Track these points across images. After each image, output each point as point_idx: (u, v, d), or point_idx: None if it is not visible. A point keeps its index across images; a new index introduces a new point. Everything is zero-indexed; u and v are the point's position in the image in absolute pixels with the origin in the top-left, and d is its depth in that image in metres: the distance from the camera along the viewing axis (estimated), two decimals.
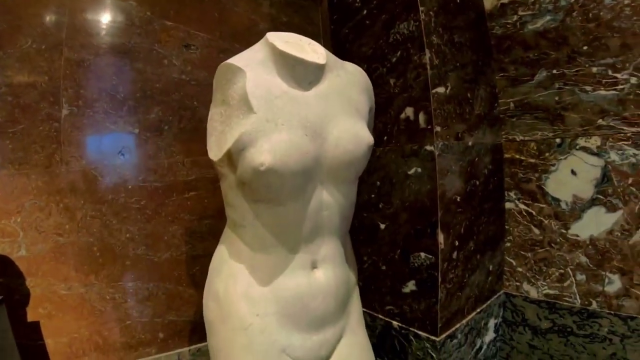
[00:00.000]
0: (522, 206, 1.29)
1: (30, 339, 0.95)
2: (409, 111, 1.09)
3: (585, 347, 1.17)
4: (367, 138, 0.68)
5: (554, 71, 1.17)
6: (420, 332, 1.11)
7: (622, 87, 1.05)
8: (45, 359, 0.97)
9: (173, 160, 1.10)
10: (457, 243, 1.10)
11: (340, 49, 1.29)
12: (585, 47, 1.10)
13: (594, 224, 1.14)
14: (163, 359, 1.11)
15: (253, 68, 0.60)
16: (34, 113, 0.95)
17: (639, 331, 1.06)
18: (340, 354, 0.74)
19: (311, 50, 0.65)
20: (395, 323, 1.20)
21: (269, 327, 0.65)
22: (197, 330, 1.16)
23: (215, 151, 0.63)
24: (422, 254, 1.08)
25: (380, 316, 1.24)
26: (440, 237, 1.04)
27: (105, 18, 1.01)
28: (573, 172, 1.17)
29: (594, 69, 1.09)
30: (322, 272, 0.69)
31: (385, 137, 1.16)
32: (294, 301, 0.66)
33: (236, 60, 0.61)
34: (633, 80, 1.03)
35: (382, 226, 1.21)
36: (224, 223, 1.17)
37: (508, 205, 1.33)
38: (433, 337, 1.07)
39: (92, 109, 0.99)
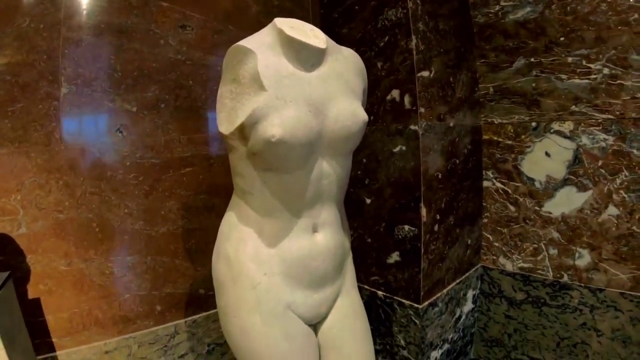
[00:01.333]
0: (498, 185, 1.38)
1: (31, 315, 0.96)
2: (395, 93, 1.15)
3: (557, 317, 1.27)
4: (363, 115, 0.75)
5: (532, 59, 1.24)
6: (403, 300, 1.19)
7: (595, 76, 1.13)
8: (46, 336, 0.99)
9: (169, 138, 1.13)
10: (438, 217, 1.17)
11: (330, 32, 1.33)
12: (562, 38, 1.17)
13: (566, 202, 1.23)
14: (160, 331, 1.15)
15: (263, 51, 0.65)
16: (33, 92, 0.96)
17: (607, 302, 1.16)
18: (337, 312, 0.81)
19: (313, 36, 0.71)
20: (380, 293, 1.27)
21: (276, 286, 0.72)
22: (192, 303, 1.21)
23: (226, 125, 0.68)
24: (406, 227, 1.15)
25: (366, 287, 1.31)
26: (423, 211, 1.11)
27: None
28: (547, 154, 1.25)
29: (569, 59, 1.17)
30: (322, 235, 0.76)
31: (372, 117, 1.21)
32: (297, 262, 0.73)
33: (247, 42, 0.66)
34: (605, 70, 1.11)
35: (368, 201, 1.27)
36: (218, 198, 1.23)
37: (486, 183, 1.41)
38: (416, 305, 1.15)
39: (91, 87, 1.01)
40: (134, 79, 1.06)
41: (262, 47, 0.65)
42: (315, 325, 0.81)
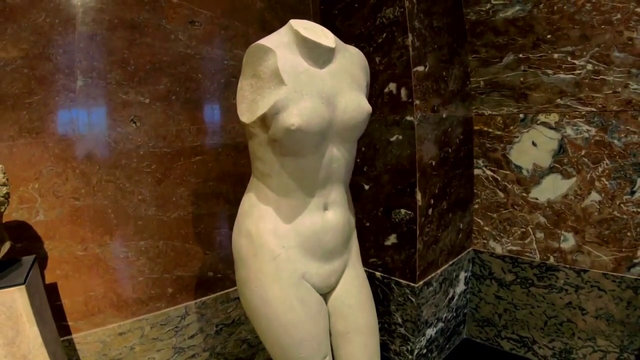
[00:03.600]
0: (488, 172, 1.46)
1: (49, 300, 0.97)
2: (392, 86, 1.22)
3: (544, 297, 1.35)
4: (367, 107, 0.84)
5: (520, 55, 1.32)
6: (400, 280, 1.27)
7: (579, 72, 1.20)
8: (62, 319, 1.02)
9: (180, 128, 1.18)
10: (432, 201, 1.25)
11: (329, 28, 1.38)
12: (549, 36, 1.25)
13: (551, 188, 1.31)
14: (172, 312, 1.20)
15: (281, 49, 0.72)
16: (49, 84, 0.99)
17: (591, 282, 1.24)
18: (345, 283, 0.90)
19: (324, 36, 0.79)
20: (378, 273, 1.35)
21: (292, 257, 0.80)
22: (202, 285, 1.27)
23: (247, 115, 0.75)
24: (402, 210, 1.23)
25: (365, 268, 1.37)
26: (418, 196, 1.19)
27: None
28: (534, 144, 1.33)
29: (556, 55, 1.24)
30: (332, 212, 0.84)
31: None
32: (311, 236, 0.81)
33: (266, 42, 0.73)
34: (589, 66, 1.18)
35: (367, 187, 1.35)
36: (226, 185, 1.30)
37: (476, 171, 1.48)
38: (412, 284, 1.23)
39: (105, 80, 1.06)
40: (146, 72, 1.11)
41: (280, 46, 0.73)
42: (325, 295, 0.89)
